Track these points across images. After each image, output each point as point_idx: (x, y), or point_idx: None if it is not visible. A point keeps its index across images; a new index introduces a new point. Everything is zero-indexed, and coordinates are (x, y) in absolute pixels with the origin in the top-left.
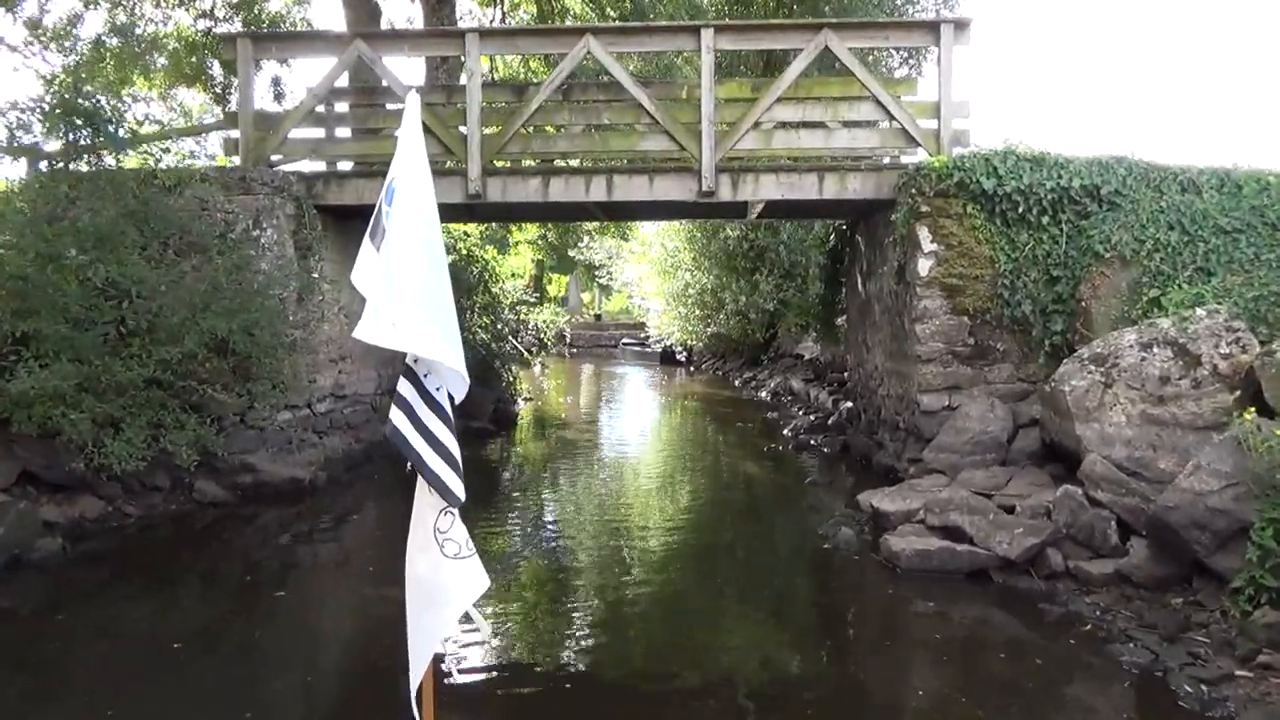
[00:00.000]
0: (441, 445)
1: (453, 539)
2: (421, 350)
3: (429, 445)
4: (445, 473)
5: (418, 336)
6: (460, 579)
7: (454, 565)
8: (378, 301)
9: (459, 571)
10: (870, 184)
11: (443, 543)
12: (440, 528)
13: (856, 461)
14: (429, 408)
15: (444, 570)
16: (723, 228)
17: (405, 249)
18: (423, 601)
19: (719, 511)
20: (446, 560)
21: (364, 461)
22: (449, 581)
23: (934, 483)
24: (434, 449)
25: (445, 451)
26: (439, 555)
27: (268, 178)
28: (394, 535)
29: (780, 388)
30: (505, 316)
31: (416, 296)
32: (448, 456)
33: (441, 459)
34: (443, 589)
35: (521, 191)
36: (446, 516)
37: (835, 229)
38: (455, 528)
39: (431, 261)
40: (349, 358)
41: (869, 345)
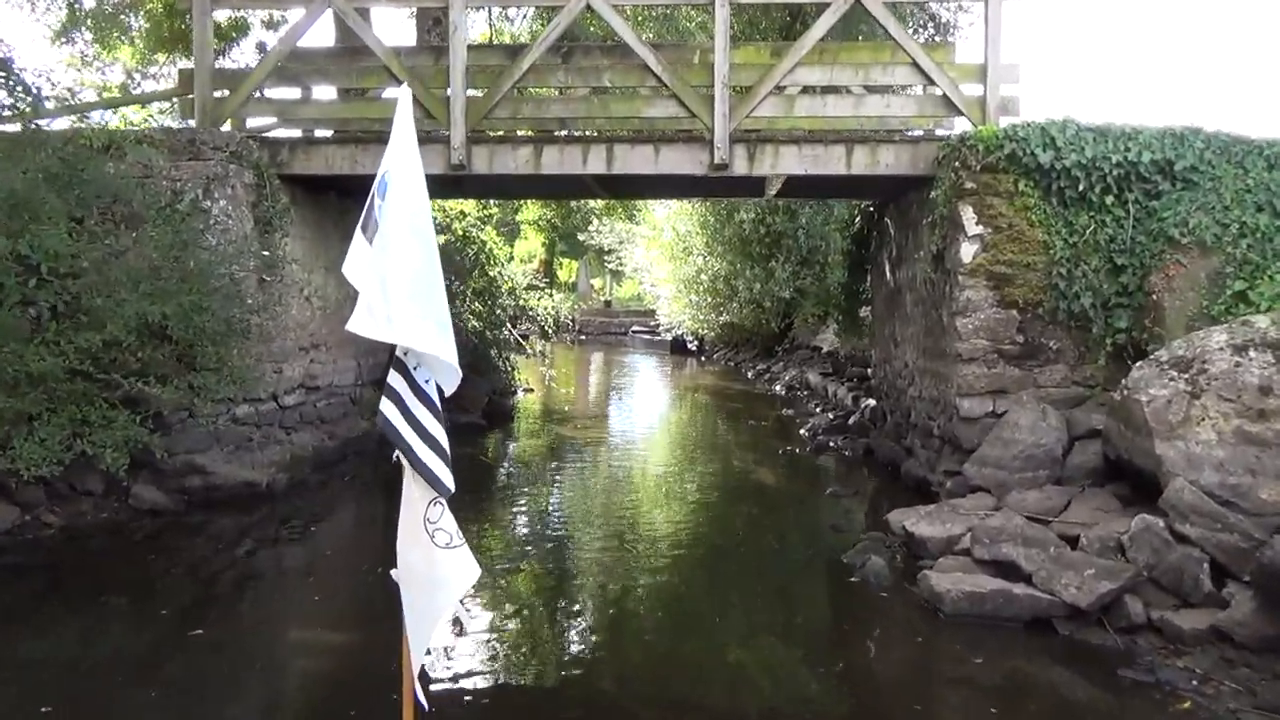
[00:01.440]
0: (431, 436)
1: (443, 529)
2: (414, 343)
3: (418, 436)
4: (435, 463)
5: (411, 330)
6: (452, 568)
7: (445, 555)
8: (370, 294)
9: (451, 561)
10: (905, 157)
11: (433, 533)
12: (430, 518)
13: (882, 468)
14: (418, 399)
15: (437, 561)
16: (737, 209)
17: (398, 242)
18: (418, 591)
19: (729, 529)
20: (438, 550)
21: (337, 460)
22: (442, 571)
23: (978, 503)
24: (423, 440)
25: (434, 442)
26: (430, 545)
27: (221, 141)
28: (357, 551)
29: (796, 381)
30: (503, 302)
31: (409, 290)
32: (437, 447)
33: (431, 450)
34: (436, 579)
35: (510, 162)
36: (436, 506)
37: (861, 210)
38: (445, 518)
39: (424, 255)
40: (322, 346)
41: (898, 340)
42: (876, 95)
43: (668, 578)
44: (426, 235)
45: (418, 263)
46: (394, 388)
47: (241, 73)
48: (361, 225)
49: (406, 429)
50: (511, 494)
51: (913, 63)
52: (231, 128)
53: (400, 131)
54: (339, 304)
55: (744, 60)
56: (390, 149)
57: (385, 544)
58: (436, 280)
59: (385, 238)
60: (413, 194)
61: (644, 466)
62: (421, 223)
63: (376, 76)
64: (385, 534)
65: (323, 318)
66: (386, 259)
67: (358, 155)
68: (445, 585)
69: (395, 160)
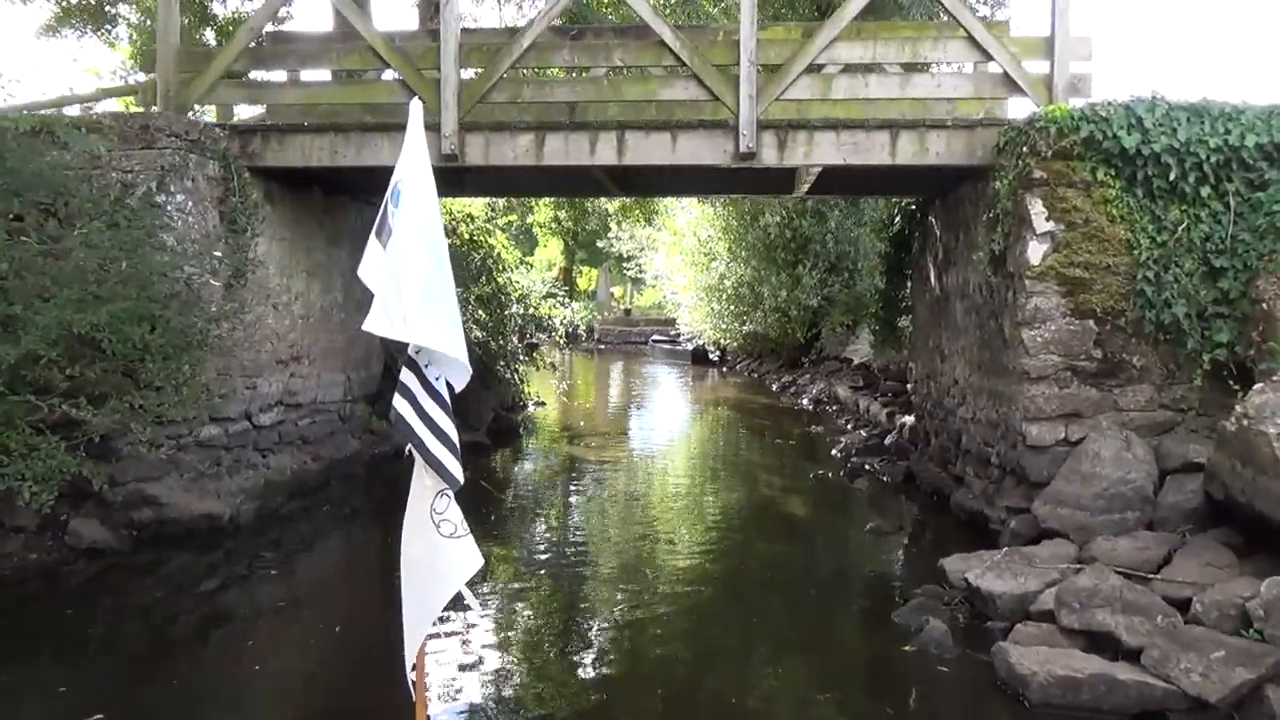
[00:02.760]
0: (441, 430)
1: (449, 519)
2: (427, 341)
3: (430, 431)
4: (445, 456)
5: (423, 329)
6: (456, 558)
7: (450, 544)
8: (386, 296)
9: (455, 550)
10: (959, 145)
11: (439, 523)
12: (437, 509)
13: (925, 497)
14: (430, 396)
15: (440, 550)
16: (762, 212)
17: (410, 246)
18: (418, 581)
19: (754, 576)
20: (443, 540)
21: (320, 485)
22: (445, 560)
23: (1056, 552)
24: (434, 434)
25: (445, 436)
26: (435, 535)
27: (179, 127)
28: (325, 601)
29: (824, 395)
30: (513, 311)
31: (421, 291)
32: (447, 441)
33: (441, 443)
34: (439, 568)
35: (509, 151)
36: (443, 498)
37: (901, 209)
38: (451, 509)
39: (434, 258)
40: (304, 358)
41: (944, 353)
42: (926, 76)
43: (683, 643)
44: (437, 240)
45: (428, 266)
46: (406, 385)
47: (213, 51)
48: (376, 231)
49: (419, 423)
50: (509, 528)
51: (967, 36)
52: (216, 118)
53: (412, 142)
54: (324, 312)
55: (774, 36)
56: (403, 158)
57: (361, 592)
58: (447, 282)
59: (398, 242)
60: (424, 201)
61: (661, 494)
62: (432, 229)
63: (360, 58)
64: (364, 576)
65: (305, 327)
66: (400, 262)
67: (338, 145)
68: (446, 574)
69: (408, 169)
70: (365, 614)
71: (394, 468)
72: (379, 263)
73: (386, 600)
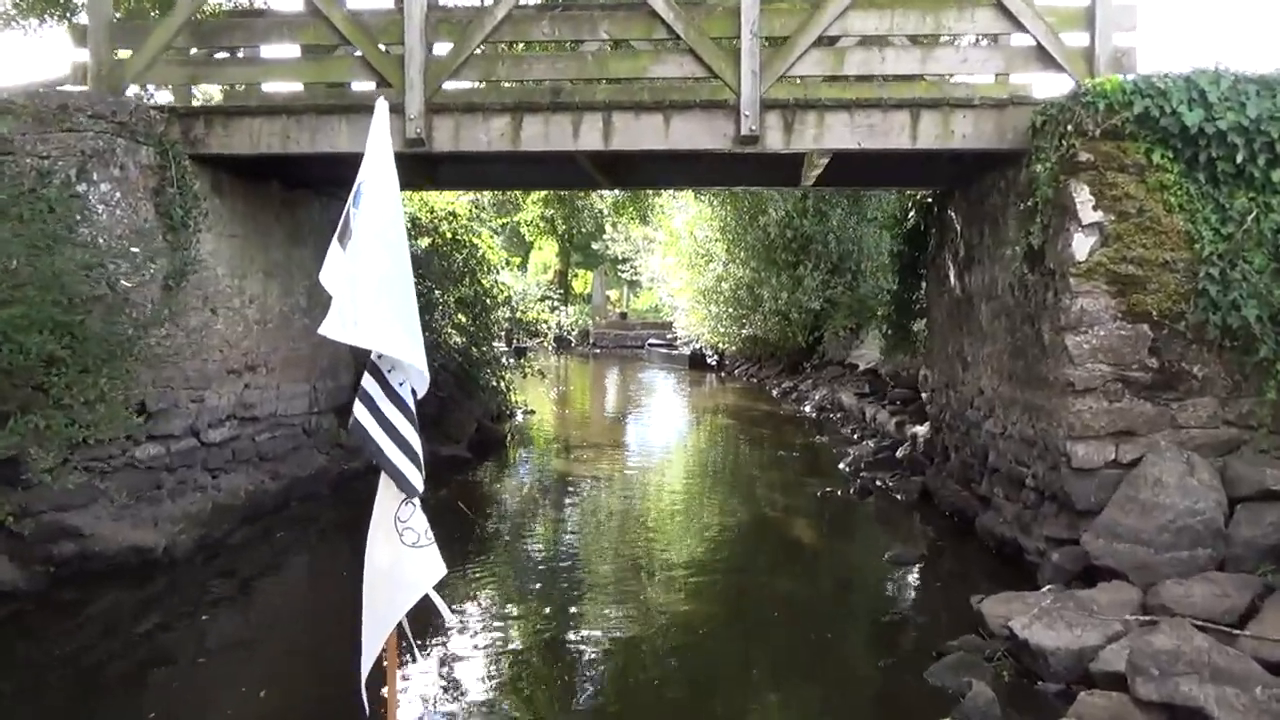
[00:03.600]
0: (402, 438)
1: (412, 528)
2: (381, 347)
3: (390, 438)
4: (405, 465)
5: (381, 334)
6: (418, 566)
7: (412, 553)
8: (343, 300)
9: (417, 559)
10: (987, 126)
11: (402, 531)
12: (400, 517)
13: (945, 518)
14: (392, 402)
15: (403, 559)
16: (763, 209)
17: (368, 250)
18: (380, 589)
19: (760, 618)
20: (405, 549)
21: (278, 507)
22: (407, 569)
23: (1116, 597)
24: (395, 442)
25: (406, 444)
26: (398, 544)
27: (104, 108)
28: (261, 660)
29: (827, 402)
30: (499, 314)
31: (377, 295)
32: (408, 449)
33: (402, 451)
34: (400, 576)
35: (481, 136)
36: (407, 506)
37: (916, 203)
38: (415, 517)
39: (394, 262)
40: (261, 367)
41: (967, 360)
42: (950, 49)
43: (675, 708)
44: (397, 244)
45: (387, 269)
46: (367, 391)
47: (150, 25)
48: (338, 234)
49: (378, 431)
50: (483, 559)
51: (997, 3)
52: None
53: (376, 142)
54: (284, 317)
55: (779, 5)
56: (366, 160)
57: (320, 628)
58: (407, 286)
59: (357, 246)
60: (386, 204)
61: (655, 516)
62: (392, 232)
63: (315, 32)
64: (322, 610)
65: (261, 333)
66: (357, 266)
67: (291, 130)
68: (408, 584)
69: (371, 171)
70: (325, 653)
71: (365, 485)
72: (339, 266)
73: (352, 636)
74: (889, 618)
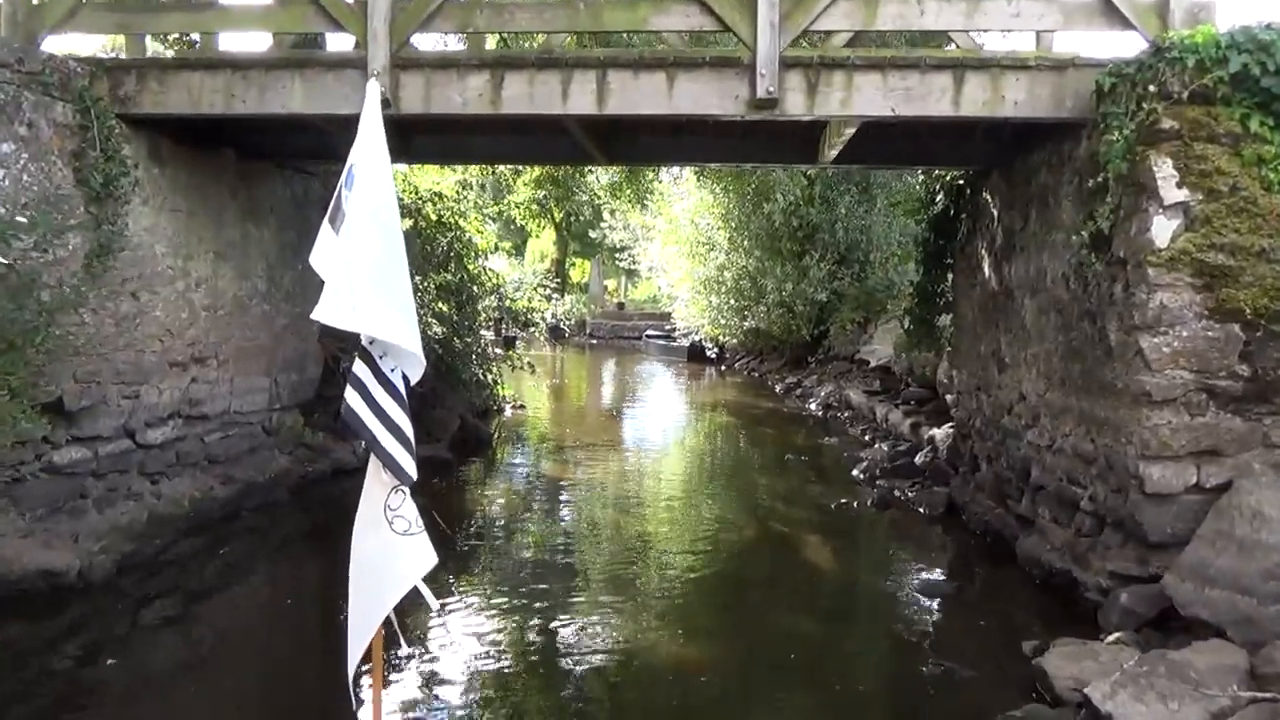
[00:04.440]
0: (395, 425)
1: (403, 516)
2: (378, 332)
3: (383, 425)
4: (398, 452)
5: (375, 319)
6: (408, 555)
7: (403, 542)
8: (337, 284)
9: (408, 548)
10: (1044, 92)
11: (392, 520)
12: (391, 505)
13: (976, 537)
14: (384, 389)
15: (393, 547)
16: (767, 197)
17: (362, 233)
18: (368, 579)
19: (773, 666)
20: (396, 537)
21: (229, 515)
22: (398, 558)
23: (1219, 661)
24: (388, 428)
25: (399, 431)
26: (389, 532)
27: (7, 56)
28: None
29: (834, 399)
30: (486, 304)
31: (372, 280)
32: (401, 436)
33: (395, 438)
34: (390, 566)
35: (456, 97)
36: (398, 494)
37: (944, 185)
38: (406, 505)
39: (388, 246)
40: (211, 359)
41: (1004, 360)
42: (1001, 1)
43: None
44: (391, 227)
45: (381, 253)
46: (359, 377)
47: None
48: (329, 217)
49: (371, 418)
50: (455, 582)
51: None
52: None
53: (368, 123)
54: (239, 303)
55: None
56: (358, 141)
57: (265, 660)
58: (401, 270)
59: (350, 229)
60: (379, 186)
61: (652, 532)
62: (387, 215)
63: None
64: (268, 638)
65: (212, 321)
66: (351, 250)
67: (235, 87)
68: (399, 573)
69: (363, 152)
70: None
71: (332, 489)
72: (331, 250)
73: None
74: (929, 668)
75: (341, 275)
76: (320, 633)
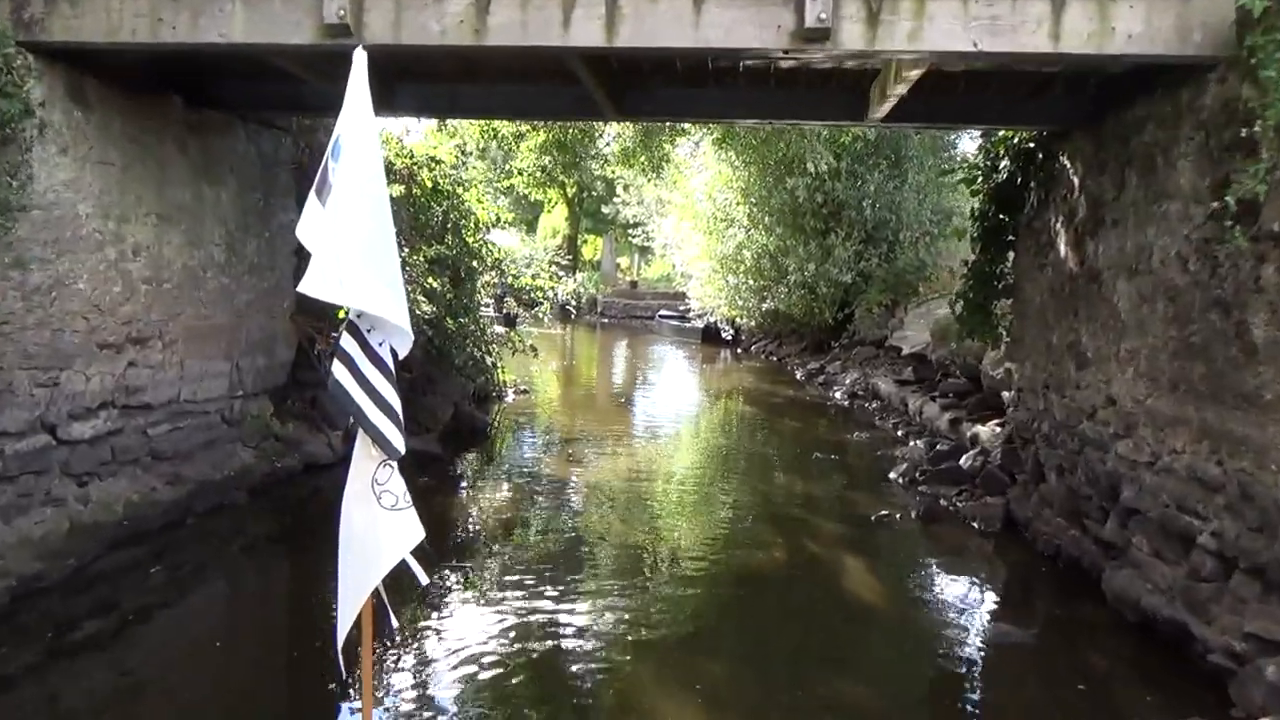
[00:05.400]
0: (383, 399)
1: (390, 491)
2: (367, 307)
3: (370, 399)
4: (386, 426)
5: (364, 293)
6: (395, 530)
7: (390, 516)
8: (324, 257)
9: (395, 522)
10: (1165, 23)
11: (380, 494)
12: (379, 479)
13: (1049, 564)
14: (371, 362)
15: (380, 522)
16: (790, 171)
17: (350, 205)
18: (356, 553)
19: None
20: (383, 511)
21: (172, 523)
22: (384, 533)
23: None
24: (375, 403)
25: (386, 405)
26: (376, 507)
27: None
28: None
29: (860, 388)
30: (487, 280)
31: (361, 253)
32: (389, 410)
33: (383, 412)
34: (377, 540)
35: (433, 24)
36: (385, 469)
37: (1011, 148)
38: (393, 480)
39: (376, 217)
40: (155, 340)
41: (1085, 355)
42: None
43: None
44: (379, 198)
45: (370, 225)
46: (346, 350)
47: None
48: (315, 189)
49: (358, 391)
50: (427, 618)
51: None
52: None
53: (355, 93)
54: (191, 275)
55: None
56: (345, 111)
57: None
58: (389, 243)
59: (338, 200)
60: (367, 156)
61: (665, 552)
62: (375, 186)
63: None
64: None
65: (155, 296)
66: (338, 222)
67: (164, 10)
68: (386, 547)
69: (350, 122)
70: None
71: (303, 486)
72: (319, 222)
73: None
74: None
75: (329, 248)
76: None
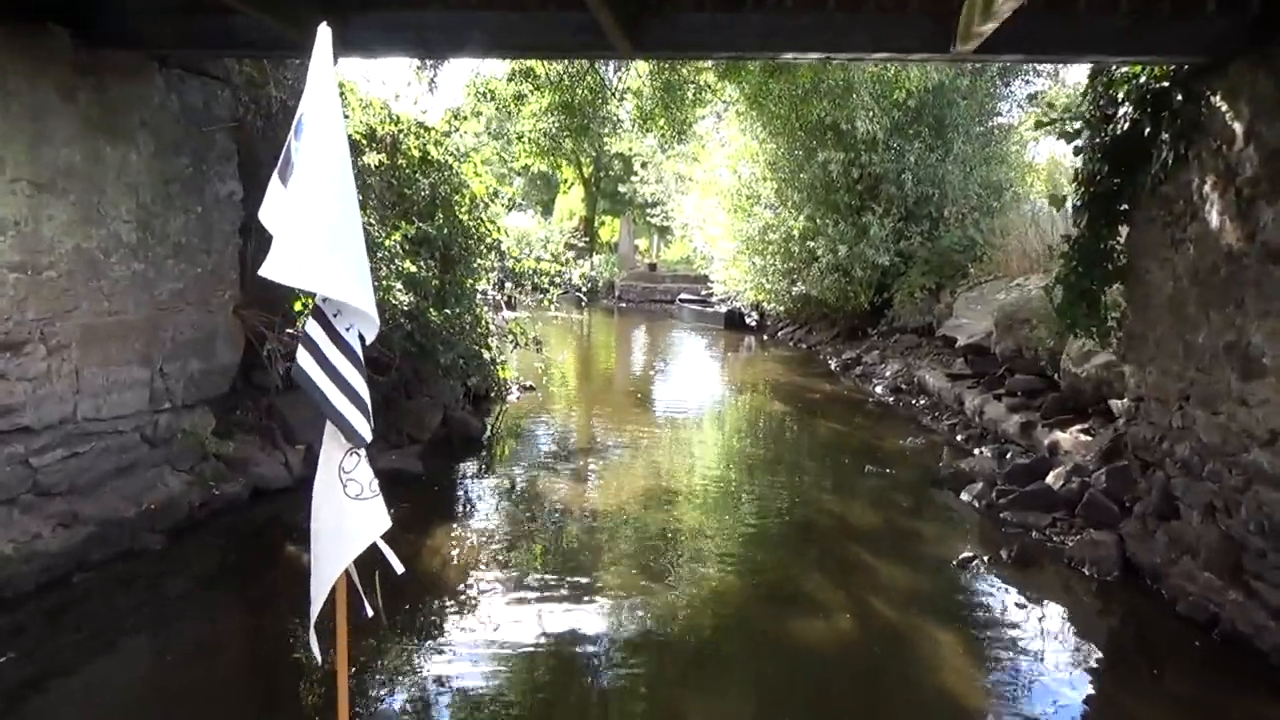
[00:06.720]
0: (349, 385)
1: (356, 479)
2: (332, 292)
3: (335, 385)
4: (351, 413)
5: (328, 277)
6: (361, 519)
7: (355, 506)
8: (286, 240)
9: (361, 512)
10: None
11: (346, 483)
12: (345, 468)
13: (1197, 631)
14: (338, 348)
15: (346, 512)
16: (822, 144)
17: (313, 186)
18: (325, 542)
19: None
20: (349, 500)
21: (55, 581)
22: (350, 522)
23: None
24: (340, 389)
25: (353, 391)
26: (341, 496)
27: None
28: None
29: (904, 381)
30: (483, 264)
31: (325, 235)
32: (355, 397)
33: (349, 399)
34: (344, 529)
35: None
36: (352, 457)
37: (1132, 91)
38: (360, 468)
39: (341, 199)
40: (34, 344)
41: (1251, 361)
42: None
43: None
44: (344, 179)
45: (334, 207)
46: (311, 336)
47: None
48: (278, 170)
49: (323, 378)
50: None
51: None
52: None
53: (318, 70)
54: (86, 261)
55: None
56: (308, 89)
57: None
58: (355, 226)
59: (301, 181)
60: (330, 137)
61: (683, 617)
62: (339, 167)
63: None
64: None
65: (30, 287)
66: (301, 204)
67: None
68: (352, 536)
69: (312, 101)
70: None
71: (246, 519)
72: (281, 203)
73: None
74: None
75: (292, 231)
76: None
